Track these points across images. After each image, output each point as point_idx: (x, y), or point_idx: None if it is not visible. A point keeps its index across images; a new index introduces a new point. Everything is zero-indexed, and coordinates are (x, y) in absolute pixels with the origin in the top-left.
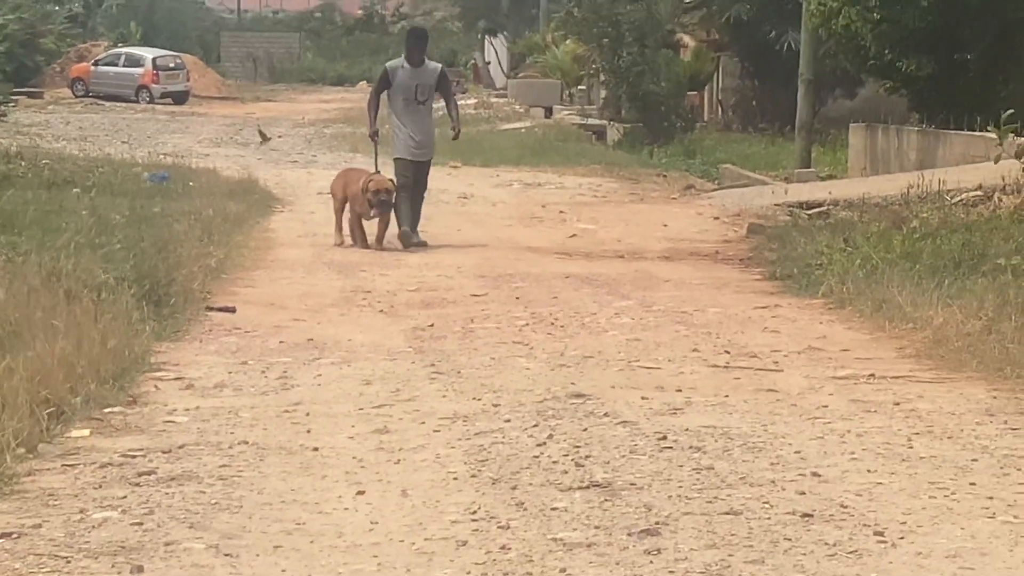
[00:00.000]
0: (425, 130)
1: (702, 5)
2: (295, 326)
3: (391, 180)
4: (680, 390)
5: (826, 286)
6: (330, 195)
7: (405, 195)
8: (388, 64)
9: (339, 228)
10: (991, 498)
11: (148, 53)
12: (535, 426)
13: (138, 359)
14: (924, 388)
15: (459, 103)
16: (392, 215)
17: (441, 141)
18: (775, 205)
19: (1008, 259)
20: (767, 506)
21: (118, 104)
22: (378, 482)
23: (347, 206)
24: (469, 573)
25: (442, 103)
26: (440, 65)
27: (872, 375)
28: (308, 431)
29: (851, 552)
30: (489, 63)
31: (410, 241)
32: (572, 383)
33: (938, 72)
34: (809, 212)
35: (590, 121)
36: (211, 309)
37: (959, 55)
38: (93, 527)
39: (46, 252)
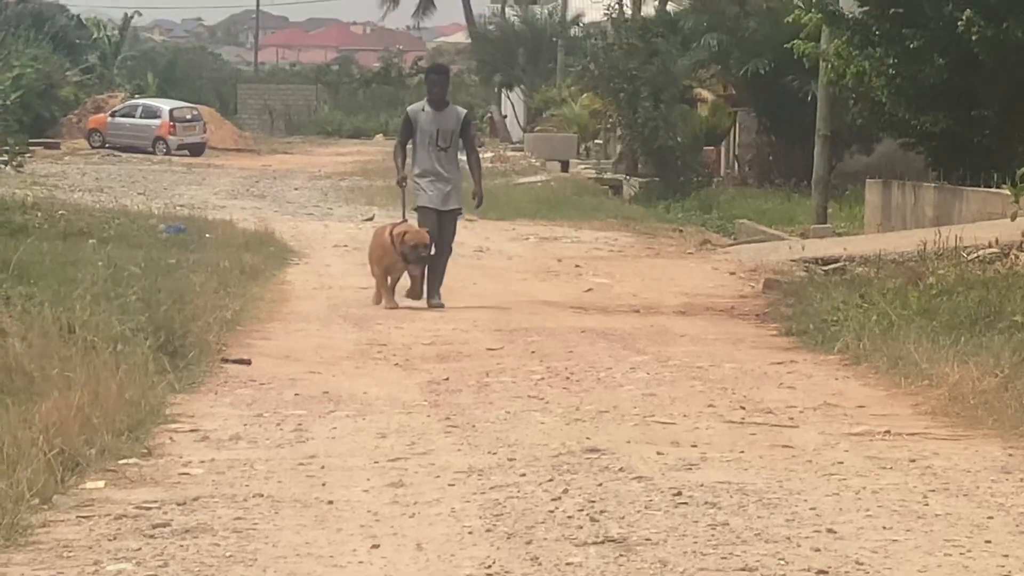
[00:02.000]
0: (448, 178)
1: (718, 60)
2: (310, 379)
3: (426, 231)
4: (695, 445)
5: (842, 342)
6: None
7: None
8: (409, 108)
9: (388, 291)
10: (1007, 556)
11: (165, 105)
12: (550, 480)
13: (153, 411)
14: (940, 445)
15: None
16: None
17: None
18: (791, 260)
19: None
20: (782, 562)
21: (135, 155)
22: (393, 536)
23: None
24: None
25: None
26: (465, 111)
27: (888, 432)
28: (323, 484)
29: None
30: (506, 116)
31: (430, 303)
32: (587, 438)
33: (954, 128)
34: (825, 268)
35: (606, 175)
36: (226, 361)
37: (976, 112)
38: None
39: (62, 303)
